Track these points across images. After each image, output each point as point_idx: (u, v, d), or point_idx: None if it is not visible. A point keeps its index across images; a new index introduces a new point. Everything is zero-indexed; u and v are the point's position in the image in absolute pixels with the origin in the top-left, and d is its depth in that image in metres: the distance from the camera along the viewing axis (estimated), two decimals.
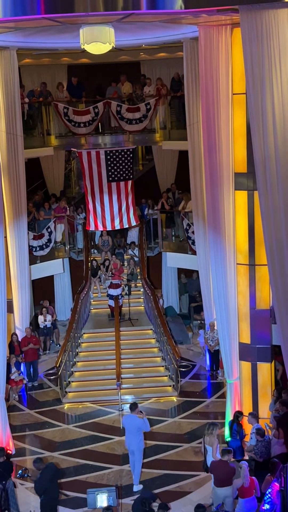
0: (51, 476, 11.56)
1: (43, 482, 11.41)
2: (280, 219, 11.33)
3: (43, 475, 11.46)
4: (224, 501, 11.27)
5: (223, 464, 11.41)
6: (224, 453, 11.46)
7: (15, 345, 17.09)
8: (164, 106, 20.90)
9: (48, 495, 11.50)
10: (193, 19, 12.22)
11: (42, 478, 11.44)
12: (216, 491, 11.40)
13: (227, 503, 11.29)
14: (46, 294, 21.07)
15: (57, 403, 16.43)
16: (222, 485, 11.31)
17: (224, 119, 12.82)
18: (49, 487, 11.47)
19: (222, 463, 11.43)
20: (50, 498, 11.56)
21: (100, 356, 17.94)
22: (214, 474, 11.49)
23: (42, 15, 10.41)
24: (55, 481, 11.74)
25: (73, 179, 25.25)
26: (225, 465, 11.36)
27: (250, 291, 13.47)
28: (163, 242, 21.20)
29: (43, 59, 22.64)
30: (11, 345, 16.97)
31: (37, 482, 11.43)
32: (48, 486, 11.45)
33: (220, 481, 11.33)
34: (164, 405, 16.14)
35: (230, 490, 11.27)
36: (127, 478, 13.19)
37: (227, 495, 11.29)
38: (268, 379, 13.73)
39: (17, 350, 17.12)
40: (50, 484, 11.51)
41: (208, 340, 17.35)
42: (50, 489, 11.50)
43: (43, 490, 11.42)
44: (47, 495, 11.49)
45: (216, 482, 11.43)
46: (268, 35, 10.89)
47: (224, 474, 11.27)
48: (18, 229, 16.90)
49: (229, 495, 11.30)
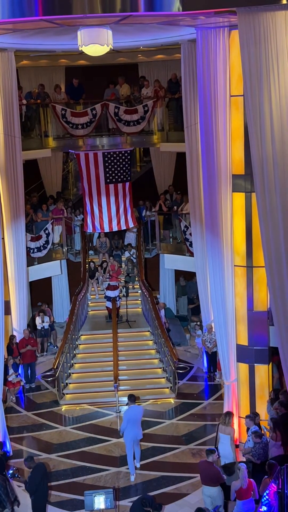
0: (42, 474, 11.56)
1: (34, 481, 11.42)
2: (278, 221, 11.35)
3: (33, 474, 11.48)
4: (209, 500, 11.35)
5: (207, 465, 11.46)
6: (208, 454, 11.57)
7: (14, 347, 17.07)
8: (162, 108, 20.91)
9: (38, 493, 11.51)
10: (191, 21, 12.24)
11: (33, 477, 11.46)
12: (203, 489, 11.56)
13: (208, 502, 11.36)
14: (44, 295, 21.06)
15: (55, 405, 16.41)
16: (206, 483, 11.45)
17: (222, 121, 12.83)
18: (39, 486, 11.49)
19: (207, 464, 11.47)
20: (41, 497, 11.58)
21: (98, 358, 17.94)
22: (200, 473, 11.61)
23: (40, 17, 10.42)
24: (45, 480, 11.73)
25: (70, 180, 25.24)
26: (209, 467, 11.43)
27: (247, 293, 13.48)
28: (160, 244, 21.20)
29: (41, 60, 22.65)
30: (10, 347, 16.96)
31: (28, 481, 11.43)
32: (38, 485, 11.46)
33: (204, 479, 11.50)
34: (161, 406, 16.13)
35: (214, 490, 11.33)
36: (124, 480, 13.18)
37: (211, 496, 11.37)
38: (266, 380, 13.73)
39: (15, 352, 17.10)
40: (41, 483, 11.52)
41: (206, 342, 17.35)
42: (40, 488, 11.52)
43: (34, 489, 11.43)
44: (38, 493, 11.50)
45: (202, 480, 11.59)
46: (265, 37, 10.91)
47: (208, 475, 11.37)
48: (15, 230, 16.89)
49: (214, 497, 11.36)
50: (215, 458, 11.58)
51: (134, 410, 13.33)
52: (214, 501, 11.36)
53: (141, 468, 13.43)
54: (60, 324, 20.73)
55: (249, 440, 12.61)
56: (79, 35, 12.14)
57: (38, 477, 11.47)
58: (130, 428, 13.16)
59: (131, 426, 13.15)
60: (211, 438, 14.53)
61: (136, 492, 12.69)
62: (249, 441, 12.57)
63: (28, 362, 17.43)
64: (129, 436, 13.19)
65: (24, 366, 17.44)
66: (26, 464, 11.64)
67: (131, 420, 13.16)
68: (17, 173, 16.67)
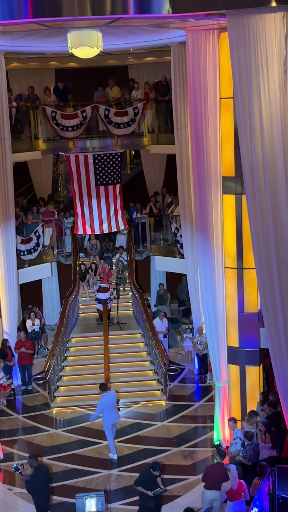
0: (44, 475, 11.57)
1: (35, 480, 11.39)
2: (268, 223, 11.38)
3: (35, 473, 11.45)
4: (212, 504, 11.30)
5: (217, 467, 11.43)
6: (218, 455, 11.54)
7: (7, 350, 17.02)
8: (152, 110, 20.93)
9: (40, 494, 11.50)
10: (180, 23, 12.26)
11: (35, 476, 11.43)
12: (206, 494, 11.41)
13: (215, 506, 11.32)
14: (34, 298, 21.01)
15: (46, 408, 16.37)
16: (212, 487, 11.34)
17: (212, 123, 12.86)
18: (41, 487, 11.47)
19: (216, 466, 11.45)
20: (42, 498, 11.57)
21: (89, 361, 17.90)
22: (207, 476, 11.48)
23: (29, 19, 10.41)
24: (47, 481, 11.75)
25: (61, 183, 25.22)
26: (220, 469, 11.39)
27: (238, 294, 13.50)
28: (151, 246, 21.21)
29: (30, 63, 22.62)
30: (3, 351, 16.91)
31: (30, 480, 11.39)
32: (40, 485, 11.45)
33: (213, 483, 11.35)
34: (152, 409, 16.13)
35: (218, 493, 11.28)
36: (115, 482, 13.18)
37: (215, 499, 11.33)
38: (257, 382, 13.76)
39: (9, 355, 17.06)
40: (43, 484, 11.52)
41: (197, 344, 17.37)
42: (42, 488, 11.51)
43: (35, 488, 11.40)
44: (40, 494, 11.48)
45: (208, 484, 11.44)
46: (255, 40, 10.93)
47: (217, 478, 11.30)
48: (5, 233, 16.84)
49: (217, 499, 11.33)
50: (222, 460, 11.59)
51: (109, 396, 13.92)
52: (216, 503, 11.35)
53: (133, 470, 13.42)
54: (51, 327, 20.68)
55: (236, 443, 12.61)
56: (69, 37, 12.13)
57: (40, 476, 11.47)
58: (108, 414, 13.80)
59: (108, 411, 13.79)
60: (202, 440, 14.57)
61: (128, 494, 12.68)
62: (236, 444, 12.56)
63: (24, 364, 17.39)
64: (108, 421, 13.90)
65: (20, 368, 17.41)
66: (29, 462, 11.59)
67: (108, 407, 13.78)
68: (7, 175, 16.62)
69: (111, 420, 13.94)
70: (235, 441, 12.57)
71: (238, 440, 12.47)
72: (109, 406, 13.87)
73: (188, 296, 17.90)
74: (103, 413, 13.89)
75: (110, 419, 13.93)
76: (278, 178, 11.22)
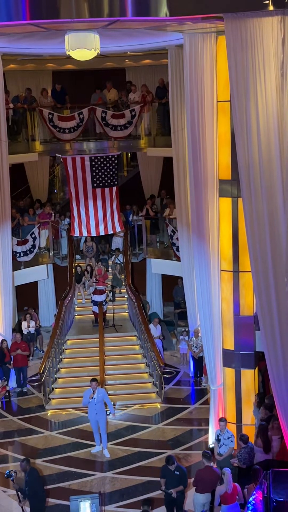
0: (39, 478, 11.57)
1: (32, 484, 11.37)
2: (264, 226, 11.39)
3: (31, 476, 11.43)
4: (201, 508, 11.31)
5: (207, 471, 11.43)
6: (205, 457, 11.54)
7: (5, 352, 16.99)
8: (149, 112, 20.95)
9: (38, 497, 11.50)
10: (178, 26, 12.27)
11: (32, 480, 11.40)
12: (198, 497, 11.42)
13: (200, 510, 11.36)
14: (30, 300, 20.98)
15: (40, 410, 16.35)
16: (204, 491, 11.34)
17: (209, 126, 12.87)
18: (38, 490, 11.48)
19: (206, 470, 11.45)
20: (40, 500, 11.58)
21: (84, 363, 17.89)
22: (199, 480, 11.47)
23: (27, 21, 10.40)
24: (42, 484, 11.75)
25: (57, 184, 25.22)
26: (211, 472, 11.41)
27: (234, 297, 13.50)
28: (147, 248, 21.21)
29: (28, 64, 22.63)
30: (1, 352, 16.88)
31: (28, 483, 11.35)
32: (37, 488, 11.46)
33: (205, 487, 11.37)
34: (147, 411, 16.12)
35: (210, 496, 11.31)
36: (110, 485, 13.15)
37: (207, 502, 11.37)
38: (252, 385, 13.76)
39: (7, 357, 17.03)
40: (39, 487, 11.54)
41: (192, 347, 17.37)
42: (40, 490, 11.54)
43: (33, 492, 11.38)
44: (38, 497, 11.47)
45: (199, 488, 11.44)
46: (252, 43, 10.96)
47: (209, 481, 11.32)
48: (1, 234, 16.82)
49: (208, 501, 11.37)
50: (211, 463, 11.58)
51: (100, 392, 14.19)
52: (206, 506, 11.36)
53: (127, 473, 13.40)
54: (46, 329, 20.66)
55: (223, 444, 12.61)
56: (66, 39, 12.13)
57: (36, 480, 11.47)
58: (94, 408, 14.08)
59: (95, 407, 14.07)
60: (197, 443, 14.55)
61: (122, 497, 12.67)
62: (230, 443, 12.57)
63: (19, 366, 17.36)
64: (92, 416, 14.26)
65: (15, 370, 17.38)
66: (22, 466, 11.51)
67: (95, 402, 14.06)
68: (3, 177, 16.61)
69: (93, 416, 14.21)
70: (228, 441, 12.57)
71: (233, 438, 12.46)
72: (98, 400, 14.12)
73: (184, 298, 17.90)
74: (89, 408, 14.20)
75: (94, 415, 14.21)
76: (275, 182, 11.24)
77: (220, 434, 12.76)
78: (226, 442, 12.63)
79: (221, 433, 12.75)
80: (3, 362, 16.97)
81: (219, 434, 12.80)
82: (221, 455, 12.60)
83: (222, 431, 12.75)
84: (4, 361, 16.97)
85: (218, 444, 12.76)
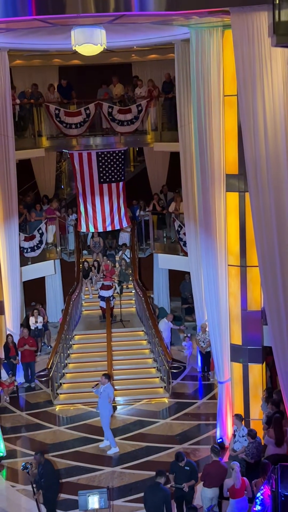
0: (54, 470, 11.70)
1: (48, 476, 11.45)
2: (271, 220, 11.37)
3: (47, 468, 11.51)
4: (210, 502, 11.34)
5: (216, 465, 11.44)
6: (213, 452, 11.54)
7: (10, 346, 17.05)
8: (155, 107, 20.91)
9: (53, 488, 11.60)
10: (184, 20, 12.25)
11: (48, 471, 11.49)
12: (206, 492, 11.44)
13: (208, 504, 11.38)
14: (37, 295, 21.02)
15: (49, 405, 16.39)
16: (212, 485, 11.36)
17: (216, 121, 12.84)
18: (54, 481, 11.61)
19: (215, 464, 11.46)
20: (55, 491, 11.69)
21: (92, 358, 17.92)
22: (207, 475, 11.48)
23: (33, 16, 10.41)
24: (57, 476, 11.93)
25: (64, 180, 25.21)
26: (220, 467, 11.41)
27: (241, 292, 13.49)
28: (154, 244, 21.19)
29: (34, 60, 22.62)
30: (6, 346, 16.94)
31: (43, 475, 11.41)
32: (54, 479, 11.59)
33: (212, 481, 11.38)
34: (155, 406, 16.13)
35: (217, 491, 11.31)
36: (118, 479, 13.19)
37: (215, 496, 11.39)
38: (260, 380, 13.75)
39: (12, 351, 17.09)
40: (55, 478, 11.68)
41: (200, 342, 17.36)
42: (54, 483, 11.65)
43: (49, 483, 11.46)
44: (53, 488, 11.57)
45: (207, 483, 11.46)
46: (259, 37, 10.93)
47: (218, 476, 11.32)
48: (9, 230, 16.86)
49: (216, 495, 11.37)
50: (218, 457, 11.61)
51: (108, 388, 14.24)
52: (214, 501, 11.39)
53: (135, 467, 13.45)
54: (54, 324, 20.69)
55: (237, 441, 12.61)
56: (72, 34, 12.12)
57: (52, 471, 11.58)
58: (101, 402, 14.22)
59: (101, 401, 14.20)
60: (205, 438, 14.56)
61: (131, 491, 12.71)
62: (238, 442, 12.56)
63: (27, 362, 17.42)
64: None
65: (23, 365, 17.44)
66: (36, 458, 11.62)
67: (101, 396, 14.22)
68: (10, 172, 16.64)
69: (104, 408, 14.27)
70: (243, 439, 12.56)
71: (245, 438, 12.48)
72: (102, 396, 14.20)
73: (191, 294, 17.90)
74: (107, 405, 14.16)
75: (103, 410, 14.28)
76: (282, 176, 11.22)
77: (237, 430, 12.77)
78: (240, 439, 12.63)
79: (238, 429, 12.76)
80: (8, 356, 17.01)
81: (235, 430, 12.81)
82: (234, 451, 12.61)
83: (238, 428, 12.76)
84: (9, 356, 17.01)
85: (233, 440, 12.78)
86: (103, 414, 14.30)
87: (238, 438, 12.68)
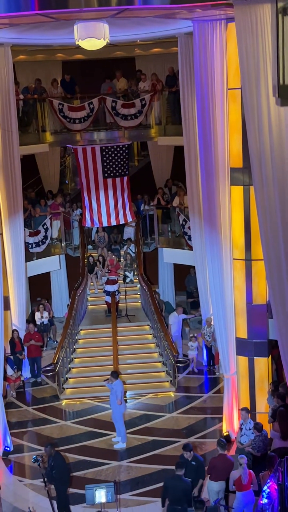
0: (63, 460, 11.75)
1: (59, 466, 11.52)
2: (276, 214, 11.34)
3: (58, 460, 11.57)
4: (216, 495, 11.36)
5: (222, 459, 11.46)
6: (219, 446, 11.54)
7: (16, 341, 17.10)
8: (159, 101, 20.87)
9: (64, 480, 11.67)
10: (187, 14, 12.20)
11: (59, 463, 11.56)
12: (212, 485, 11.46)
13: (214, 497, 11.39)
14: (43, 290, 21.05)
15: (55, 400, 16.44)
16: (218, 479, 11.38)
17: (219, 114, 12.81)
18: (65, 473, 11.67)
19: (221, 458, 11.48)
20: (66, 483, 11.76)
21: (97, 352, 17.96)
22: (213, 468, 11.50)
23: (36, 11, 10.38)
24: (67, 467, 11.99)
25: (68, 175, 25.21)
26: (226, 460, 11.43)
27: (246, 286, 13.49)
28: (159, 238, 21.19)
29: (37, 55, 22.59)
30: (12, 342, 16.99)
31: (53, 468, 11.47)
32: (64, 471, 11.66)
33: (219, 474, 11.41)
34: (161, 400, 16.17)
35: (224, 484, 11.34)
36: (125, 473, 13.23)
37: (221, 490, 11.42)
38: (265, 373, 13.76)
39: (18, 346, 17.14)
40: (66, 470, 11.74)
41: (205, 336, 17.37)
42: (65, 473, 11.72)
43: (61, 475, 11.52)
44: (62, 479, 11.63)
45: (214, 476, 11.48)
46: (262, 30, 10.87)
47: (225, 469, 11.34)
48: (14, 226, 16.88)
49: (223, 489, 11.41)
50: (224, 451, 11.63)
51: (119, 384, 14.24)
52: (221, 494, 11.41)
53: (142, 461, 13.50)
54: (60, 319, 20.73)
55: (244, 434, 12.62)
56: (75, 29, 12.10)
57: (62, 463, 11.65)
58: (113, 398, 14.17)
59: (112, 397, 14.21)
60: (211, 431, 14.59)
61: (137, 485, 12.75)
62: (250, 435, 12.57)
63: (33, 357, 17.48)
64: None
65: (29, 360, 17.49)
66: (47, 450, 11.68)
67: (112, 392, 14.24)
68: (15, 168, 16.64)
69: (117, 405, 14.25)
70: (249, 432, 12.57)
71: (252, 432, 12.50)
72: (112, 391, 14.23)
73: (196, 288, 17.89)
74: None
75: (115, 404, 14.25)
76: (286, 169, 11.18)
77: (243, 424, 12.79)
78: (247, 432, 12.65)
79: (244, 422, 12.77)
80: (14, 352, 17.06)
81: (242, 423, 12.83)
82: (242, 444, 12.63)
83: (244, 421, 12.77)
84: (15, 351, 17.06)
85: (240, 433, 12.79)
86: (114, 410, 14.32)
87: (244, 431, 12.70)
